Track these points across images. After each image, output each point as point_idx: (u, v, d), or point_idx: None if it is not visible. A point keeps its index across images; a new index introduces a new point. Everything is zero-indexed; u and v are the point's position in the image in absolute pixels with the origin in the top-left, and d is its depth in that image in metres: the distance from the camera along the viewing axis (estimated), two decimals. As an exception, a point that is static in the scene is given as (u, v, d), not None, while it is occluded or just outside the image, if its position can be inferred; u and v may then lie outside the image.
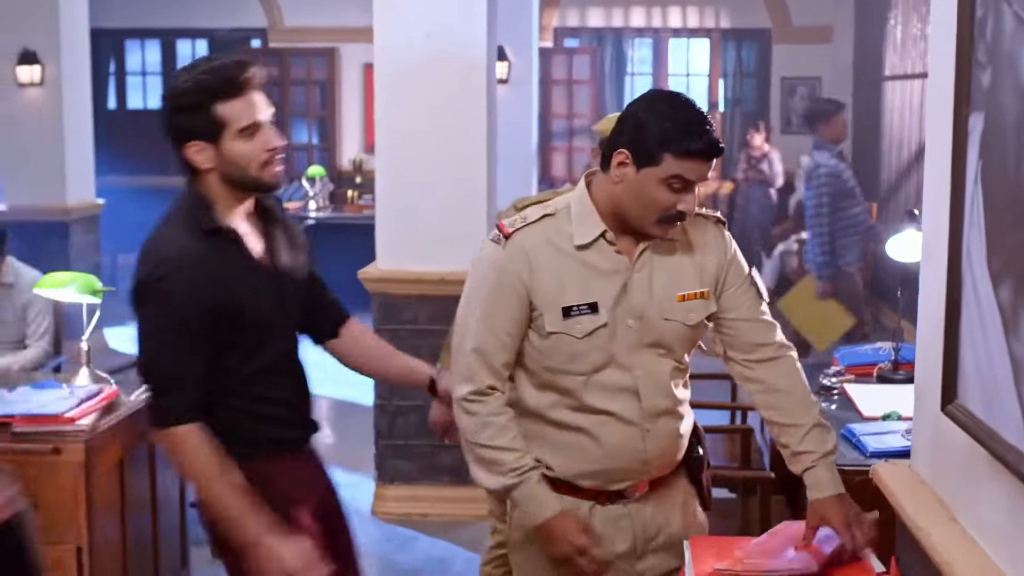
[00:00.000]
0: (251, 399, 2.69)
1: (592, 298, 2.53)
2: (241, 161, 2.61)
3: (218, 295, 2.58)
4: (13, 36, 8.36)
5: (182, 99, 2.58)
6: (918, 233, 4.26)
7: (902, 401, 3.77)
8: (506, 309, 2.56)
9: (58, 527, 3.66)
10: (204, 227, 2.61)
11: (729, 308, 2.66)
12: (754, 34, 12.37)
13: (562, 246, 2.56)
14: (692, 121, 2.43)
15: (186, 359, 2.57)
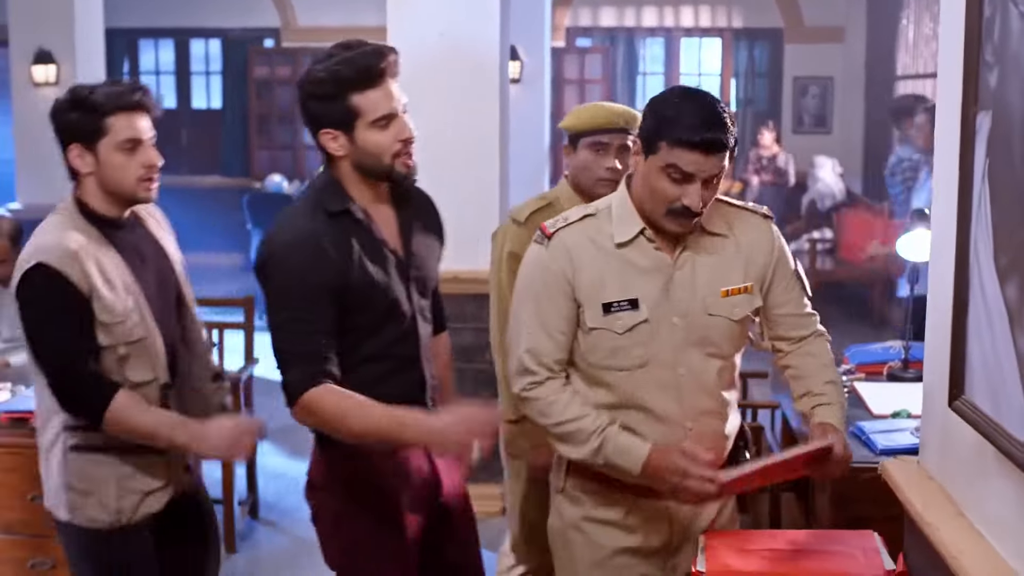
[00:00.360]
0: (368, 380, 2.67)
1: (632, 294, 2.56)
2: (374, 150, 2.64)
3: (339, 275, 2.61)
4: (29, 36, 8.43)
5: (317, 88, 2.62)
6: (929, 232, 4.26)
7: (912, 399, 3.76)
8: (556, 308, 2.60)
9: (75, 521, 3.69)
10: (330, 209, 2.65)
11: (776, 304, 2.71)
12: (766, 34, 12.34)
13: (603, 244, 2.59)
14: (694, 112, 2.44)
15: (306, 335, 2.60)
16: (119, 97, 2.78)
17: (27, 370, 4.70)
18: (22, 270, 2.74)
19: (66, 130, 2.82)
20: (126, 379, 2.80)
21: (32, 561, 3.73)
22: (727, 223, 2.64)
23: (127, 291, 2.81)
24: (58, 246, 2.73)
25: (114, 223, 2.86)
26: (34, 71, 8.41)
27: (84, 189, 2.85)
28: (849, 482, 3.23)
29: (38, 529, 3.70)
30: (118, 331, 2.78)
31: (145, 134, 2.81)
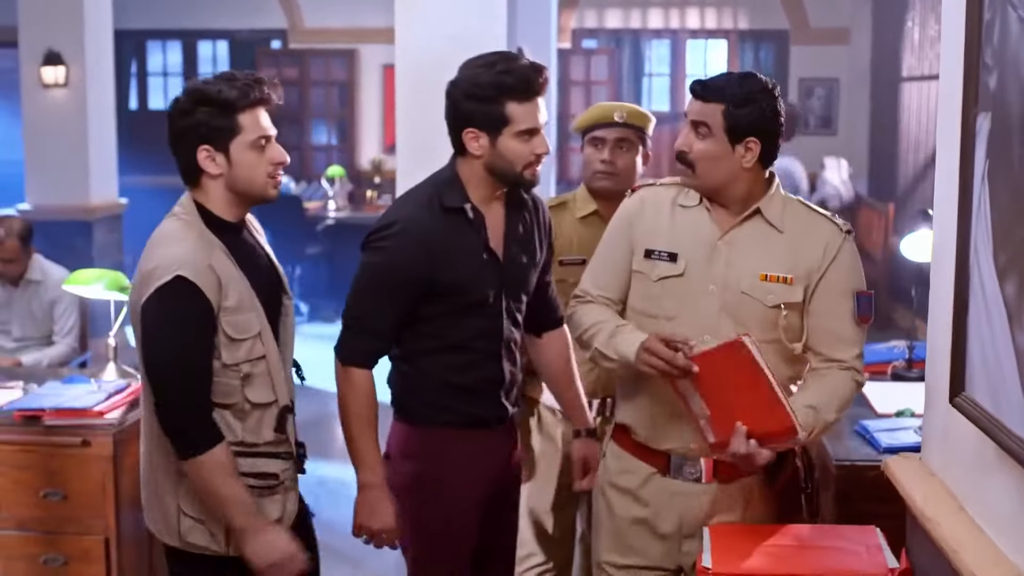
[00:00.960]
0: (445, 368, 2.88)
1: (675, 249, 2.76)
2: (511, 157, 2.80)
3: (434, 270, 2.78)
4: (38, 37, 8.44)
5: (478, 89, 2.76)
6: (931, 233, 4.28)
7: (916, 399, 3.73)
8: (614, 247, 2.88)
9: (86, 519, 3.73)
10: (446, 204, 2.82)
11: (817, 312, 2.74)
12: (772, 35, 12.33)
13: (674, 203, 2.82)
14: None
15: (379, 312, 2.82)
16: (247, 92, 2.65)
17: (39, 369, 4.78)
18: (158, 281, 2.57)
19: (192, 131, 2.65)
20: (247, 400, 2.67)
21: (44, 557, 3.75)
22: (792, 222, 2.74)
23: (249, 305, 2.68)
24: (193, 259, 2.59)
25: (233, 229, 2.74)
26: (43, 72, 8.43)
27: (206, 192, 2.70)
28: (853, 479, 3.26)
29: (51, 526, 3.75)
30: (242, 348, 2.65)
31: (271, 129, 2.71)
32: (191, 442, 2.62)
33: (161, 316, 2.60)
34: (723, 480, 2.79)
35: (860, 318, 2.75)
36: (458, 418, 2.91)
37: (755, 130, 2.68)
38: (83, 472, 3.72)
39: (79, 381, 4.07)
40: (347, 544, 3.32)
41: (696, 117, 2.70)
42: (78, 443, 3.70)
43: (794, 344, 2.74)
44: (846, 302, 2.74)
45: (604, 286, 2.90)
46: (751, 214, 2.74)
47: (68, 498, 3.72)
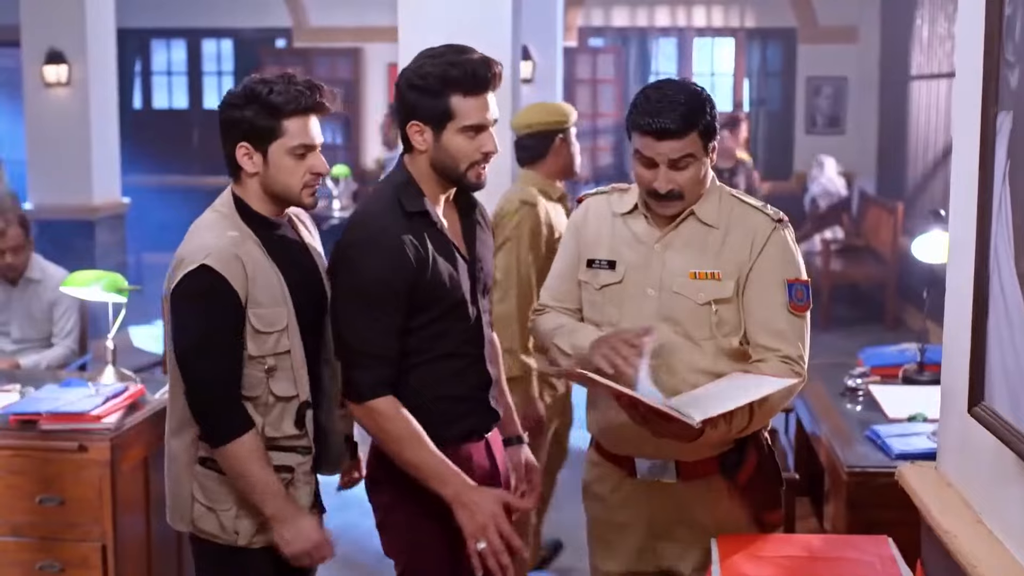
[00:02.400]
0: (436, 378, 2.78)
1: (613, 256, 2.79)
2: (456, 154, 2.70)
3: (415, 276, 2.68)
4: (40, 36, 8.41)
5: (422, 80, 2.66)
6: (944, 233, 4.23)
7: (928, 402, 3.75)
8: (566, 258, 2.93)
9: (83, 524, 3.68)
10: (408, 209, 2.72)
11: (747, 302, 2.72)
12: (779, 34, 12.29)
13: (612, 211, 2.85)
14: (649, 100, 2.63)
15: (376, 335, 2.68)
16: (298, 98, 2.66)
17: (37, 371, 4.73)
18: (185, 269, 2.63)
19: (236, 127, 2.69)
20: (270, 393, 2.70)
21: (40, 564, 3.70)
22: (726, 216, 2.74)
23: (279, 299, 2.70)
24: (222, 248, 2.63)
25: (270, 224, 2.77)
26: (45, 71, 8.40)
27: (245, 188, 2.75)
28: (865, 486, 3.23)
29: (47, 532, 3.70)
30: (268, 341, 2.68)
31: (317, 139, 2.71)
32: (221, 430, 2.66)
33: (187, 304, 2.65)
34: (687, 478, 2.78)
35: (793, 307, 2.69)
36: (451, 432, 2.80)
37: (716, 128, 2.70)
38: (80, 477, 3.67)
39: (76, 384, 4.02)
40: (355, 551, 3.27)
41: (677, 155, 2.63)
42: (74, 448, 3.65)
43: (729, 339, 2.71)
44: (778, 292, 2.70)
45: (561, 297, 2.93)
46: (686, 216, 2.74)
47: (65, 504, 3.67)
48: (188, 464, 2.77)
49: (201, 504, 2.77)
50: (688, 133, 2.62)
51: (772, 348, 2.69)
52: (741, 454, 2.78)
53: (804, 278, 2.73)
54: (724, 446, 2.75)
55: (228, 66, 13.17)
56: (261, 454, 2.67)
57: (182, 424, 2.76)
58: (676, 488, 2.79)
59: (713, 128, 2.67)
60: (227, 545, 2.76)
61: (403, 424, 2.69)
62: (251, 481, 2.67)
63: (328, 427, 2.88)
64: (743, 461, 2.78)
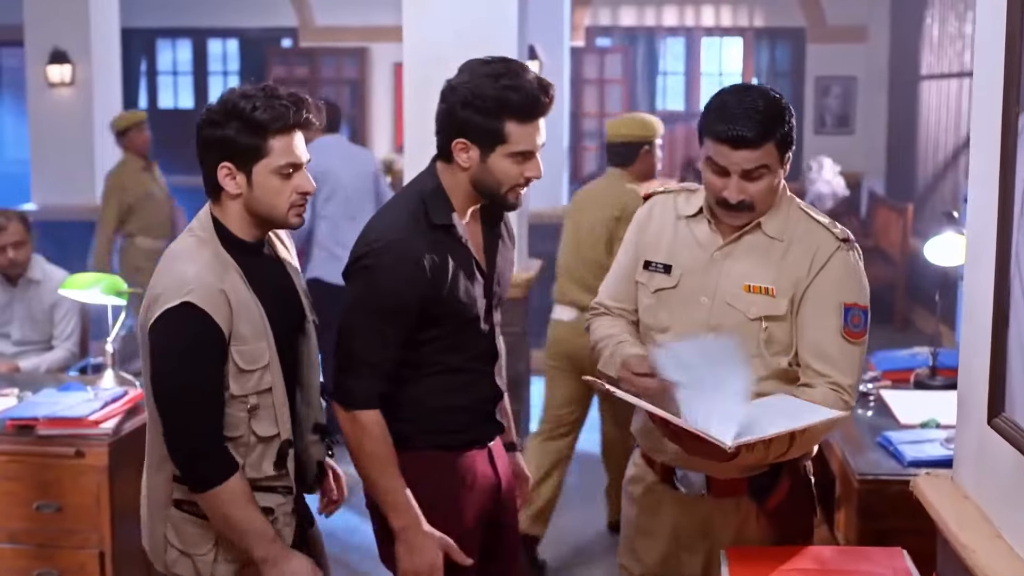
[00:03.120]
0: (442, 389, 2.74)
1: (670, 260, 2.71)
2: (500, 177, 2.63)
3: (429, 288, 2.62)
4: (44, 36, 8.38)
5: (479, 100, 2.57)
6: (957, 235, 4.17)
7: (940, 408, 3.70)
8: (626, 258, 2.84)
9: (81, 531, 3.63)
10: (434, 221, 2.65)
11: (801, 321, 2.61)
12: (788, 33, 12.22)
13: (677, 213, 2.76)
14: (727, 106, 2.53)
15: (379, 347, 2.63)
16: (284, 115, 2.48)
17: (36, 375, 4.68)
18: (165, 305, 2.44)
19: (217, 146, 2.50)
20: (252, 433, 2.55)
21: (37, 572, 3.65)
22: (792, 230, 2.64)
23: (260, 333, 2.54)
24: (205, 282, 2.46)
25: (251, 248, 2.60)
26: (49, 71, 8.36)
27: (225, 210, 2.56)
28: (877, 494, 3.17)
29: (44, 539, 3.65)
30: (251, 379, 2.53)
31: (303, 157, 2.55)
32: (205, 474, 2.50)
33: (167, 342, 2.47)
34: (717, 494, 2.72)
35: (848, 332, 2.58)
36: (452, 441, 2.78)
37: (793, 139, 2.60)
38: (77, 484, 3.62)
39: (75, 388, 3.96)
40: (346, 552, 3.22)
41: (751, 165, 2.53)
42: (72, 454, 3.60)
43: (779, 358, 2.62)
44: (832, 315, 2.58)
45: (619, 297, 2.86)
46: (752, 228, 2.65)
47: (62, 510, 3.62)
48: (162, 505, 2.62)
49: (175, 548, 2.62)
50: (765, 143, 2.51)
51: (822, 373, 2.58)
52: (774, 479, 2.70)
53: (863, 303, 2.61)
54: (757, 469, 2.67)
55: (234, 66, 13.15)
56: (248, 497, 2.53)
57: (161, 461, 2.59)
58: (705, 502, 2.73)
59: (790, 139, 2.56)
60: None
61: (380, 444, 2.65)
62: (238, 526, 2.52)
63: (302, 454, 2.74)
64: (774, 486, 2.71)
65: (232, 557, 2.60)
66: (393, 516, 2.66)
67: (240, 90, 2.53)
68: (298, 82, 12.53)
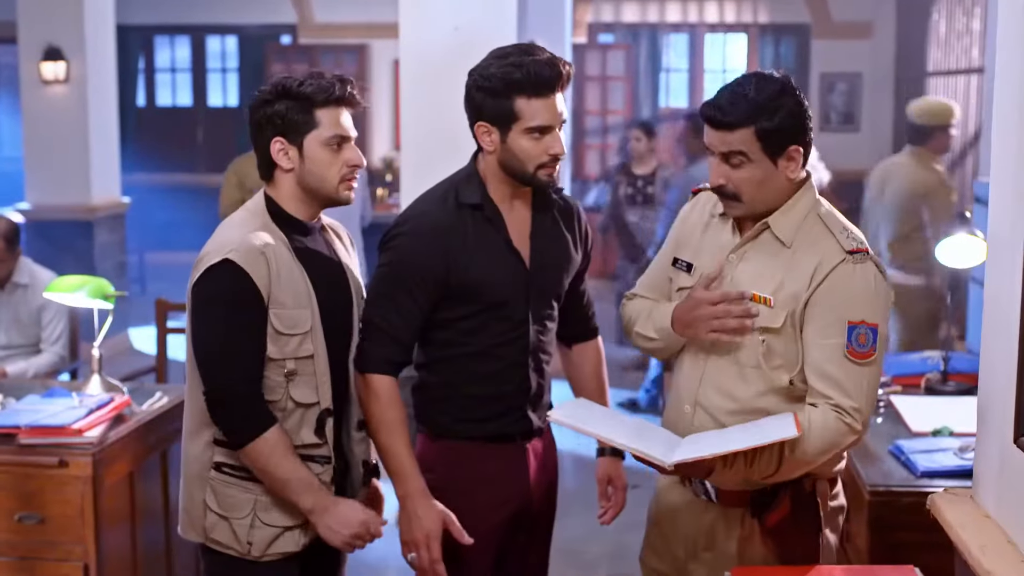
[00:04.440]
0: (466, 377, 2.78)
1: (694, 259, 2.67)
2: (522, 156, 2.70)
3: (451, 266, 2.70)
4: (37, 32, 8.26)
5: (487, 82, 2.68)
6: (970, 237, 4.05)
7: (953, 415, 3.62)
8: (667, 250, 2.81)
9: (64, 543, 3.51)
10: (463, 200, 2.74)
11: (804, 338, 2.50)
12: (793, 29, 12.13)
13: (712, 211, 2.70)
14: (723, 87, 2.54)
15: (395, 316, 2.72)
16: (329, 89, 2.65)
17: (22, 380, 4.56)
18: (207, 263, 2.58)
19: (270, 122, 2.66)
20: (290, 398, 2.65)
21: (20, 585, 3.54)
22: (802, 236, 2.52)
23: (303, 301, 2.66)
24: (246, 243, 2.59)
25: (302, 227, 2.74)
26: (43, 68, 8.24)
27: (278, 187, 2.72)
28: (889, 506, 3.08)
29: (27, 551, 3.53)
30: (290, 344, 2.64)
31: (351, 131, 2.70)
32: (243, 429, 2.60)
33: (206, 298, 2.61)
34: (725, 503, 2.64)
35: (852, 352, 2.43)
36: (479, 431, 2.81)
37: (793, 137, 2.48)
38: (61, 494, 3.50)
39: (60, 395, 3.84)
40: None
41: (726, 148, 2.49)
42: (55, 463, 3.48)
43: (779, 373, 2.51)
44: (834, 332, 2.45)
45: (652, 286, 2.84)
46: (762, 229, 2.56)
47: (45, 522, 3.51)
48: (202, 469, 2.70)
49: (214, 512, 2.69)
50: (739, 128, 2.46)
51: (824, 394, 2.46)
52: (774, 496, 2.59)
53: (872, 321, 2.44)
54: (758, 484, 2.57)
55: (233, 63, 13.06)
56: (287, 448, 2.61)
57: (199, 426, 2.70)
58: (713, 510, 2.66)
59: (781, 139, 2.47)
60: (240, 557, 2.69)
61: (388, 410, 2.71)
62: (281, 477, 2.61)
63: (347, 446, 2.82)
64: (774, 504, 2.60)
65: (270, 521, 2.66)
66: (396, 483, 2.72)
67: (286, 75, 2.72)
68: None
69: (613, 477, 3.05)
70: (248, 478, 2.67)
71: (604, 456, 3.05)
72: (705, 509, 2.67)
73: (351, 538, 2.66)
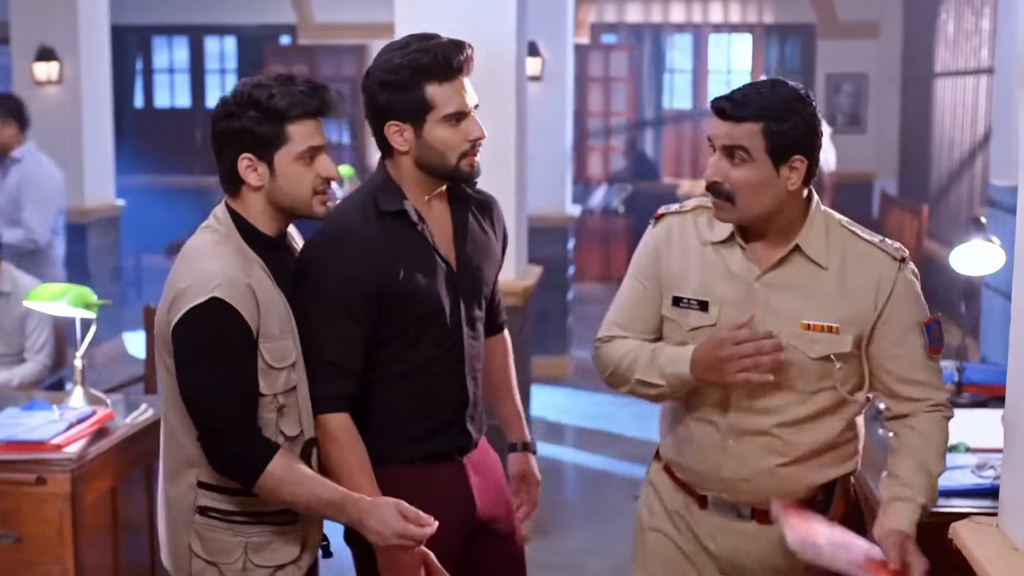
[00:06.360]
0: (405, 397, 2.62)
1: (706, 296, 2.49)
2: (441, 148, 2.56)
3: (382, 279, 2.54)
4: (30, 32, 8.15)
5: (391, 75, 2.53)
6: (985, 243, 3.92)
7: (968, 429, 3.48)
8: (642, 287, 2.58)
9: (42, 563, 3.37)
10: (383, 208, 2.58)
11: (883, 356, 2.47)
12: (798, 29, 12.04)
13: (701, 237, 2.53)
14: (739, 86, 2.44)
15: (341, 346, 2.54)
16: (302, 102, 2.45)
17: (5, 391, 4.42)
18: (191, 302, 2.39)
19: (235, 137, 2.47)
20: (280, 433, 2.50)
21: (-1, 608, 3.41)
22: (839, 254, 2.44)
23: (287, 330, 2.50)
24: (231, 277, 2.41)
25: (271, 244, 2.55)
26: (35, 68, 8.12)
27: (245, 203, 2.52)
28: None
29: (2, 572, 3.40)
30: (280, 378, 2.49)
31: (323, 140, 2.52)
32: (247, 469, 2.44)
33: (194, 341, 2.42)
34: (762, 520, 2.53)
35: (933, 350, 2.48)
36: (417, 452, 2.65)
37: (800, 146, 2.38)
38: (38, 512, 3.36)
39: (40, 407, 3.69)
40: None
41: (729, 141, 2.38)
42: (32, 480, 3.34)
43: (855, 395, 2.48)
44: (916, 339, 2.47)
45: (634, 325, 2.59)
46: (791, 251, 2.44)
47: (22, 541, 3.37)
48: (186, 512, 2.54)
49: (201, 558, 2.54)
50: (746, 121, 2.35)
51: (918, 399, 2.49)
52: (828, 501, 2.54)
53: (935, 315, 2.50)
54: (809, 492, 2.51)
55: (231, 64, 13.01)
56: (298, 475, 2.44)
57: (181, 468, 2.54)
58: (749, 528, 2.54)
59: (787, 144, 2.36)
60: None
61: (346, 451, 2.54)
62: (302, 504, 2.46)
63: None
64: (831, 503, 2.55)
65: (262, 562, 2.54)
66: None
67: (253, 80, 2.51)
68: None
69: (526, 473, 2.96)
70: (236, 521, 2.53)
71: (516, 452, 2.96)
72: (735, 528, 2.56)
73: (396, 537, 2.40)
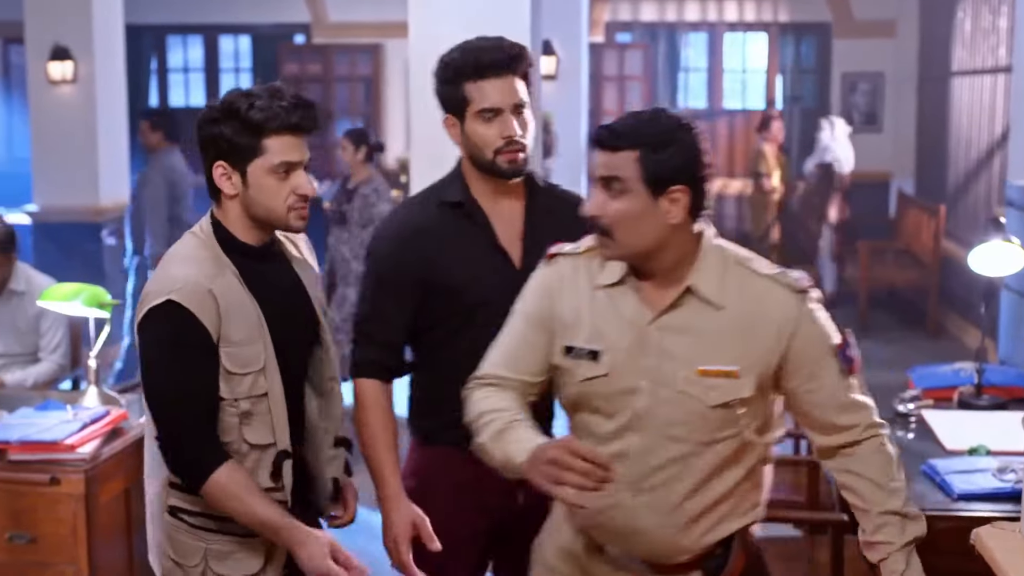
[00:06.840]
0: (450, 380, 2.59)
1: (596, 345, 2.32)
2: (478, 142, 2.66)
3: (430, 267, 2.68)
4: (44, 31, 8.15)
5: (440, 72, 2.69)
6: (1004, 244, 3.88)
7: (988, 431, 3.49)
8: (525, 330, 2.41)
9: (57, 564, 3.40)
10: (445, 199, 2.72)
11: (801, 389, 2.34)
12: (814, 28, 11.93)
13: (593, 281, 2.37)
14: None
15: (381, 318, 2.72)
16: (280, 116, 2.45)
17: (17, 391, 4.41)
18: (149, 304, 2.44)
19: (213, 145, 2.49)
20: (243, 440, 2.50)
21: (11, 607, 3.41)
22: (736, 292, 2.29)
23: (255, 336, 2.50)
24: (192, 281, 2.44)
25: (252, 252, 2.56)
26: (50, 68, 8.11)
27: (225, 211, 2.54)
28: (923, 530, 2.88)
29: (15, 572, 3.42)
30: (243, 384, 2.49)
31: (302, 157, 2.51)
32: (192, 473, 2.48)
33: (151, 340, 2.48)
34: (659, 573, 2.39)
35: (849, 371, 2.36)
36: (460, 437, 2.56)
37: (680, 176, 2.23)
38: (52, 512, 3.38)
39: (54, 407, 3.69)
40: None
41: (606, 172, 2.25)
42: (46, 481, 3.36)
43: (764, 437, 2.36)
44: (830, 366, 2.34)
45: (516, 366, 2.41)
46: (683, 292, 2.29)
47: (36, 541, 3.39)
48: (159, 511, 2.59)
49: (169, 558, 2.58)
50: (622, 149, 2.23)
51: (850, 426, 2.39)
52: (725, 557, 2.39)
53: (841, 339, 2.36)
54: (705, 547, 2.36)
55: (246, 63, 12.95)
56: (242, 488, 2.44)
57: (157, 466, 2.57)
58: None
59: (664, 173, 2.22)
60: None
61: (370, 413, 2.71)
62: (243, 519, 2.46)
63: (315, 469, 2.71)
64: (728, 562, 2.40)
65: (222, 571, 2.53)
66: (376, 487, 2.71)
67: (244, 89, 2.54)
68: (311, 79, 12.32)
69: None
70: (199, 526, 2.53)
71: None
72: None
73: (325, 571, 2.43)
